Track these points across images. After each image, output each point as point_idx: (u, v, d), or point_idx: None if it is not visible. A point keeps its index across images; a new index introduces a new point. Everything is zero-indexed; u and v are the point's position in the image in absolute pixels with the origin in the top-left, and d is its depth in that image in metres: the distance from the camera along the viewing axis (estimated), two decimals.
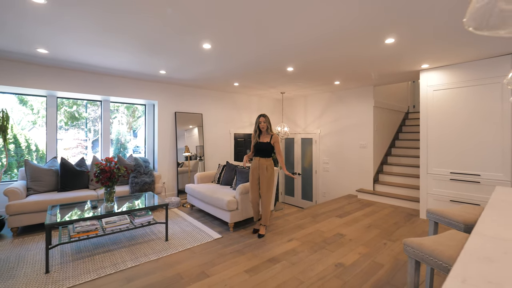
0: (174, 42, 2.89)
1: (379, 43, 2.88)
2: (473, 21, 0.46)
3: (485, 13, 0.46)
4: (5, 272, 2.30)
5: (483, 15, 0.45)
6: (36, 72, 3.79)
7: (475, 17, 0.46)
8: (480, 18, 0.45)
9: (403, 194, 4.83)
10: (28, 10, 2.16)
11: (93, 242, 2.97)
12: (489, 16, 0.46)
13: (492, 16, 0.46)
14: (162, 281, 2.19)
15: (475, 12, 0.45)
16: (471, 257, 0.88)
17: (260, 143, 3.28)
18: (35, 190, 3.53)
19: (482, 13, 0.45)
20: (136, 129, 5.61)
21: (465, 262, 0.84)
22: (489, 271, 0.79)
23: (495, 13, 0.46)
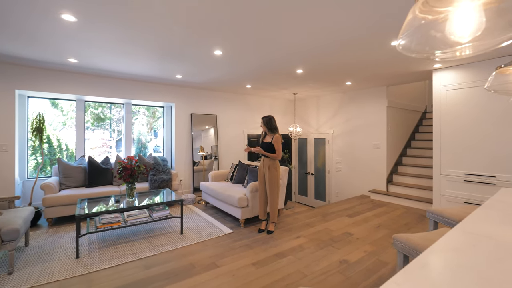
0: (188, 50, 3.11)
1: (386, 45, 2.92)
2: (404, 41, 0.58)
3: (416, 37, 0.57)
4: (42, 256, 2.63)
5: (412, 38, 0.57)
6: (67, 79, 4.18)
7: (405, 39, 0.57)
8: (409, 40, 0.57)
9: (417, 195, 4.76)
10: (62, 27, 2.46)
11: (116, 233, 3.27)
12: (420, 40, 0.58)
13: (423, 40, 0.58)
14: (176, 269, 2.41)
15: (406, 35, 0.57)
16: (440, 248, 0.98)
17: (262, 143, 3.43)
18: (66, 185, 3.91)
19: (412, 36, 0.56)
20: (157, 129, 5.94)
21: (432, 251, 0.95)
22: (450, 259, 0.89)
23: (426, 38, 0.58)
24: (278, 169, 3.39)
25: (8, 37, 2.72)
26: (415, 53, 0.59)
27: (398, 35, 0.58)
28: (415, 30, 0.55)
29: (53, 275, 2.28)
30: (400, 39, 0.58)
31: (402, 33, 0.56)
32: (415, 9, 0.53)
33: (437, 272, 0.82)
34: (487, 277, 0.77)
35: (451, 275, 0.80)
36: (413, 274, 0.81)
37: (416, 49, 0.58)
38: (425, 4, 0.53)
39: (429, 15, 0.53)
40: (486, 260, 0.88)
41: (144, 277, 2.27)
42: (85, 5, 2.06)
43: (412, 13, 0.54)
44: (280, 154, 3.35)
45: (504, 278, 0.77)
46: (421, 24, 0.53)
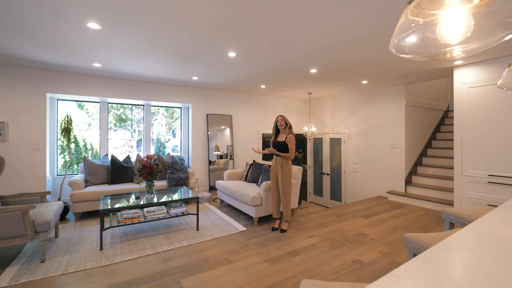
0: (204, 53, 3.22)
1: None
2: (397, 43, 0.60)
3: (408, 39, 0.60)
4: (70, 247, 2.84)
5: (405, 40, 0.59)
6: (91, 82, 4.45)
7: (398, 41, 0.60)
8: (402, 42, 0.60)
9: (437, 197, 4.59)
10: (88, 34, 2.64)
11: (136, 227, 3.45)
12: (413, 42, 0.61)
13: (415, 42, 0.61)
14: (191, 263, 2.51)
15: (398, 37, 0.59)
16: (447, 245, 0.98)
17: (275, 142, 3.44)
18: (91, 182, 4.17)
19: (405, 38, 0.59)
20: (175, 130, 6.14)
21: (438, 248, 0.95)
22: (454, 256, 0.90)
23: (418, 40, 0.61)
24: (291, 168, 3.41)
25: (41, 45, 2.96)
26: (408, 54, 0.62)
27: (392, 36, 0.61)
28: (407, 33, 0.57)
29: (80, 264, 2.46)
30: (393, 40, 0.61)
31: (395, 35, 0.59)
32: (407, 12, 0.56)
33: (439, 268, 0.83)
34: (490, 274, 0.78)
35: (453, 271, 0.81)
36: (414, 268, 0.82)
37: (409, 51, 0.61)
38: (417, 7, 0.56)
39: (421, 18, 0.55)
40: (492, 258, 0.88)
41: (161, 270, 2.39)
42: (108, 14, 2.21)
43: (405, 16, 0.57)
44: (294, 153, 3.36)
45: (506, 276, 0.78)
46: (413, 26, 0.56)
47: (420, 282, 0.75)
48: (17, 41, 2.84)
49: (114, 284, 2.15)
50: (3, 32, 2.61)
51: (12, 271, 2.32)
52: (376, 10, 2.14)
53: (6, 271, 2.34)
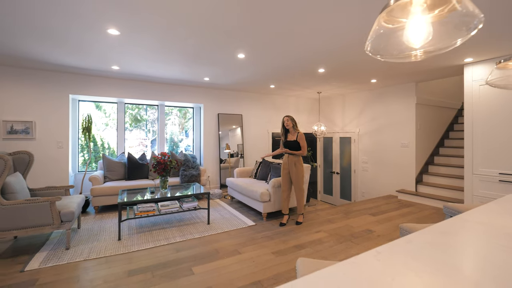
0: (214, 55, 3.38)
1: None
2: (371, 45, 0.71)
3: (380, 42, 0.70)
4: (91, 237, 3.06)
5: (378, 43, 0.69)
6: (110, 84, 4.72)
7: (372, 43, 0.70)
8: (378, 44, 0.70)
9: (449, 196, 4.54)
10: (107, 39, 2.85)
11: (151, 220, 3.65)
12: (384, 44, 0.71)
13: (386, 44, 0.71)
14: (202, 253, 2.67)
15: (372, 40, 0.69)
16: (433, 230, 1.06)
17: (287, 141, 3.56)
18: (109, 178, 4.43)
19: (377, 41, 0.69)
20: (188, 130, 6.36)
21: (423, 232, 1.04)
22: (436, 239, 0.98)
23: (388, 43, 0.71)
24: (303, 164, 3.56)
25: (65, 50, 3.21)
26: (379, 55, 0.71)
27: (367, 40, 0.71)
28: (380, 36, 0.67)
29: (101, 252, 2.67)
30: (368, 43, 0.71)
31: (370, 39, 0.69)
32: (380, 19, 0.66)
33: (419, 247, 0.93)
34: (464, 252, 0.86)
35: (431, 250, 0.90)
36: (396, 246, 0.92)
37: (380, 52, 0.71)
38: (388, 14, 0.66)
39: (391, 24, 0.65)
40: (469, 240, 0.96)
41: (174, 258, 2.56)
42: (127, 20, 2.40)
43: (377, 22, 0.67)
44: (306, 150, 3.50)
45: (475, 252, 0.86)
46: (384, 31, 0.66)
47: (398, 256, 0.85)
48: (45, 47, 3.10)
49: (132, 270, 2.33)
50: (35, 41, 2.86)
51: (41, 256, 2.56)
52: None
53: (36, 255, 2.57)
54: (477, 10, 0.55)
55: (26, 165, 3.11)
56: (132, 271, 2.31)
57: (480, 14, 0.55)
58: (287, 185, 3.61)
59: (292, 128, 3.57)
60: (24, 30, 2.62)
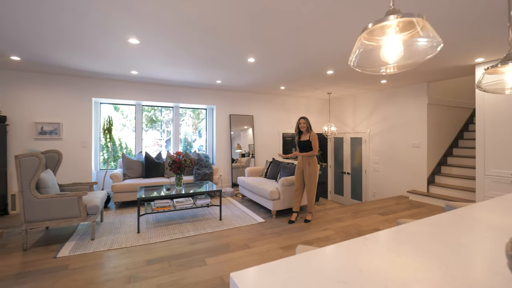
0: (226, 60, 3.56)
1: None
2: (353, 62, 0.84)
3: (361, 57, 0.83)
4: (113, 229, 3.31)
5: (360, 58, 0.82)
6: (129, 88, 5.01)
7: (355, 56, 0.83)
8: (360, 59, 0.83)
9: (461, 197, 4.49)
10: (128, 48, 3.10)
11: (167, 215, 3.88)
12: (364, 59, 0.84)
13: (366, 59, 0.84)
14: (214, 247, 2.84)
15: (355, 55, 0.82)
16: (422, 222, 1.17)
17: (301, 141, 3.69)
18: (128, 176, 4.71)
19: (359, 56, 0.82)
20: (201, 130, 6.59)
21: (414, 224, 1.15)
22: (424, 230, 1.09)
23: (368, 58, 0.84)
24: (317, 164, 3.69)
25: (90, 58, 3.49)
26: (361, 68, 0.84)
27: (350, 55, 0.84)
28: (361, 52, 0.80)
29: (122, 243, 2.91)
30: (351, 58, 0.84)
31: (352, 54, 0.82)
32: (361, 37, 0.79)
33: (406, 236, 1.04)
34: (445, 240, 0.97)
35: (415, 238, 1.01)
36: (385, 235, 1.05)
37: (361, 66, 0.83)
38: (368, 33, 0.78)
39: (371, 42, 0.78)
40: (455, 231, 1.07)
41: (189, 250, 2.75)
42: (147, 30, 2.61)
43: (359, 40, 0.79)
44: (317, 150, 3.62)
45: (458, 242, 0.97)
46: (364, 49, 0.79)
47: (384, 242, 0.97)
48: (73, 56, 3.39)
49: (150, 259, 2.54)
50: (65, 51, 3.15)
51: (71, 245, 2.82)
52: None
53: (66, 244, 2.84)
54: (437, 36, 0.67)
55: (56, 163, 3.41)
56: (150, 260, 2.52)
57: (439, 38, 0.67)
58: (299, 184, 3.73)
59: (306, 129, 3.69)
60: (57, 42, 2.90)
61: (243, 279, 0.71)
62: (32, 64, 3.80)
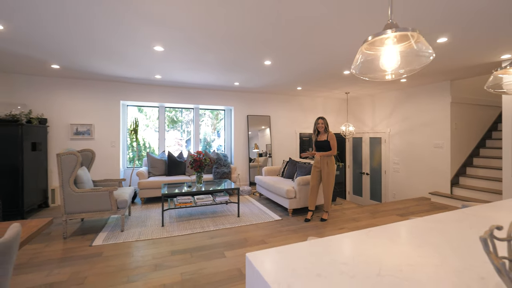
0: (243, 63, 3.71)
1: (432, 43, 2.92)
2: (355, 69, 0.93)
3: (363, 65, 0.93)
4: (140, 223, 3.58)
5: (361, 66, 0.92)
6: (153, 91, 5.33)
7: (357, 65, 0.92)
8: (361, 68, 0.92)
9: (486, 199, 4.32)
10: (153, 55, 3.34)
11: (188, 211, 4.10)
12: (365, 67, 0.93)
13: (367, 67, 0.93)
14: (233, 241, 3.00)
15: (357, 64, 0.92)
16: (429, 218, 1.23)
17: (318, 141, 3.75)
18: (153, 173, 5.02)
19: (360, 65, 0.92)
20: (219, 130, 6.82)
21: (419, 220, 1.22)
22: (426, 225, 1.16)
23: (368, 66, 0.94)
24: (334, 163, 3.74)
25: (120, 64, 3.79)
26: (362, 75, 0.93)
27: (352, 64, 0.93)
28: (362, 62, 0.90)
29: (148, 235, 3.15)
30: (354, 66, 0.93)
31: (354, 63, 0.91)
32: (362, 48, 0.88)
33: (408, 230, 1.12)
34: (447, 236, 1.04)
35: (417, 232, 1.09)
36: (389, 228, 1.13)
37: (363, 73, 0.92)
38: (369, 44, 0.88)
39: (371, 52, 0.87)
40: (458, 227, 1.12)
41: (209, 244, 2.93)
42: (170, 39, 2.82)
43: (361, 50, 0.89)
44: (336, 150, 3.67)
45: (458, 237, 1.04)
46: (365, 58, 0.88)
47: (386, 234, 1.06)
48: (105, 63, 3.70)
49: (174, 250, 2.75)
50: (98, 59, 3.46)
51: (103, 235, 3.11)
52: (421, 11, 2.33)
53: (99, 234, 3.14)
54: (429, 48, 0.75)
55: (89, 161, 3.74)
56: (174, 251, 2.72)
57: (431, 50, 0.75)
58: (316, 183, 3.79)
59: (323, 130, 3.74)
60: (91, 52, 3.21)
61: (256, 258, 0.84)
62: (69, 71, 4.19)
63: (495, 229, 0.61)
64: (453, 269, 0.75)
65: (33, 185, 4.04)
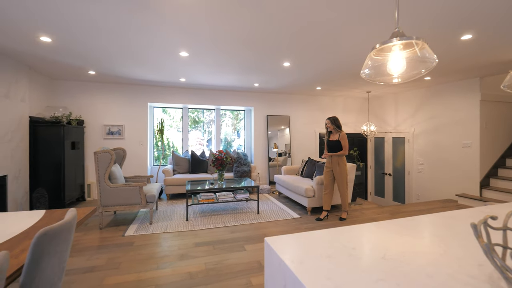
0: (263, 65, 3.83)
1: (456, 40, 2.85)
2: (366, 72, 1.01)
3: (372, 70, 1.01)
4: (166, 217, 3.83)
5: (370, 71, 1.00)
6: (178, 93, 5.62)
7: (366, 71, 1.00)
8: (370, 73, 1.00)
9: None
10: (178, 60, 3.57)
11: (211, 207, 4.31)
12: (374, 72, 1.01)
13: (376, 72, 1.02)
14: (252, 235, 3.13)
15: (367, 69, 1.00)
16: (441, 215, 1.28)
17: (329, 141, 3.77)
18: (177, 171, 5.30)
19: (370, 70, 1.00)
20: (239, 130, 7.00)
21: (432, 216, 1.27)
22: (437, 220, 1.20)
23: (377, 71, 1.02)
24: (346, 163, 3.75)
25: (148, 69, 4.08)
26: (373, 80, 1.00)
27: (361, 69, 1.01)
28: (371, 66, 0.98)
29: (174, 228, 3.38)
30: (363, 71, 1.02)
31: (364, 68, 0.99)
32: (372, 54, 0.96)
33: (418, 224, 1.18)
34: (455, 230, 1.09)
35: (425, 226, 1.14)
36: (400, 222, 1.19)
37: (372, 77, 1.00)
38: (378, 51, 0.96)
39: (379, 57, 0.94)
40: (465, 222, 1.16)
41: (229, 238, 3.09)
42: (195, 46, 3.02)
43: (370, 56, 0.97)
44: (347, 150, 3.66)
45: (468, 231, 1.09)
46: (373, 64, 0.96)
47: (394, 227, 1.13)
48: (135, 68, 4.00)
49: (198, 242, 2.94)
50: (129, 65, 3.76)
51: (134, 227, 3.38)
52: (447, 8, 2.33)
53: (130, 226, 3.42)
54: (432, 54, 0.82)
55: (121, 159, 4.07)
56: (198, 243, 2.91)
57: (434, 56, 0.82)
58: (328, 182, 3.82)
59: (334, 129, 3.76)
60: (124, 59, 3.50)
61: (274, 241, 0.96)
62: (103, 76, 4.57)
63: (489, 218, 0.68)
64: (455, 257, 0.82)
65: (72, 180, 4.47)
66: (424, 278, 0.69)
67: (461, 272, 0.72)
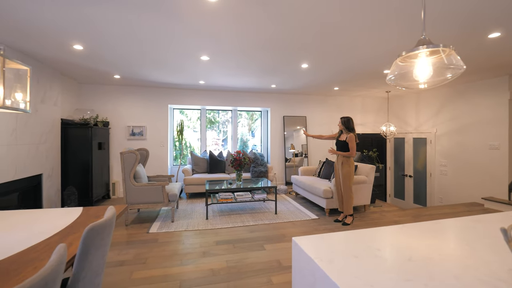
0: (280, 67, 3.87)
1: (484, 39, 2.76)
2: (392, 78, 1.03)
3: (398, 76, 1.03)
4: (187, 215, 3.97)
5: (396, 77, 1.02)
6: (197, 95, 5.77)
7: (392, 77, 1.02)
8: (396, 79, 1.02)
9: None
10: (199, 63, 3.69)
11: (229, 206, 4.40)
12: (400, 78, 1.03)
13: (402, 78, 1.03)
14: (271, 235, 3.19)
15: (393, 75, 1.02)
16: (467, 218, 1.27)
17: (338, 141, 3.73)
18: (196, 171, 5.45)
19: (396, 76, 1.02)
20: (254, 130, 7.06)
21: (457, 219, 1.26)
22: (462, 224, 1.20)
23: (403, 76, 1.04)
24: (352, 165, 3.60)
25: (169, 73, 4.24)
26: (399, 85, 1.02)
27: (388, 75, 1.03)
28: (398, 72, 1.00)
29: (195, 226, 3.50)
30: (389, 77, 1.04)
31: (390, 74, 1.01)
32: (397, 60, 0.98)
33: (442, 227, 1.18)
34: (482, 234, 1.09)
35: (449, 229, 1.15)
36: (422, 225, 1.20)
37: (398, 83, 1.02)
38: (403, 58, 0.98)
39: (405, 63, 0.96)
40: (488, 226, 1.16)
41: (249, 237, 3.16)
42: (216, 50, 3.12)
43: (395, 62, 0.99)
44: (354, 152, 3.54)
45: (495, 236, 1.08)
46: (399, 71, 0.98)
47: (417, 231, 1.14)
48: (157, 72, 4.18)
49: (218, 241, 3.03)
50: (151, 69, 3.93)
51: (157, 225, 3.54)
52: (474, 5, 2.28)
53: (154, 224, 3.58)
54: (460, 61, 0.83)
55: (144, 159, 4.25)
56: (218, 242, 3.00)
57: (461, 63, 0.83)
58: (338, 183, 3.78)
59: (345, 129, 3.70)
60: (148, 64, 3.67)
61: (301, 241, 1.01)
62: (127, 80, 4.79)
63: None
64: (483, 261, 0.83)
65: (99, 179, 4.72)
66: (451, 280, 0.72)
67: (490, 276, 0.74)
